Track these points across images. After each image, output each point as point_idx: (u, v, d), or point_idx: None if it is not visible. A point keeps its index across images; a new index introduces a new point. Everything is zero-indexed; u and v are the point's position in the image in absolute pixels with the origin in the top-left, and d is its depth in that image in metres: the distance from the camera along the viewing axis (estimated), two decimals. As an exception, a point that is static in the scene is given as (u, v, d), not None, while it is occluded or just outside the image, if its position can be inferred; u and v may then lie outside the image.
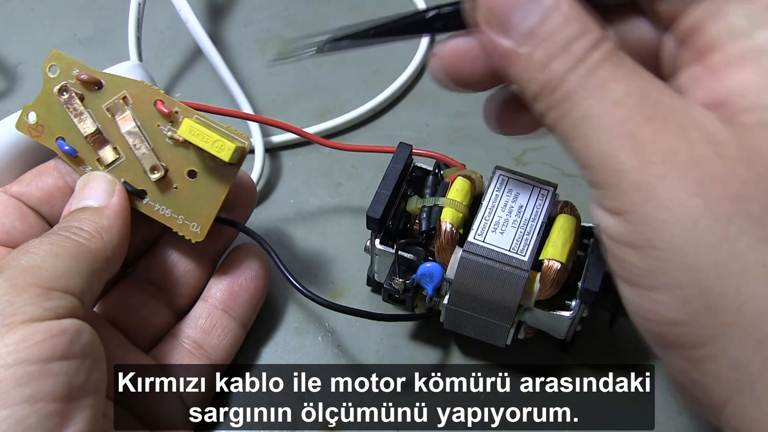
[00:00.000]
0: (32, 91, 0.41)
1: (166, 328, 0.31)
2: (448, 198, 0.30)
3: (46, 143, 0.30)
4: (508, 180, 0.30)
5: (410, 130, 0.41)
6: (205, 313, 0.31)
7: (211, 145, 0.28)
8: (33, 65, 0.42)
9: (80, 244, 0.26)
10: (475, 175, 0.31)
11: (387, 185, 0.31)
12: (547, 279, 0.29)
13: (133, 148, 0.29)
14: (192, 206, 0.29)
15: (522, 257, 0.29)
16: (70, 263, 0.25)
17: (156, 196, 0.30)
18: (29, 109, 0.30)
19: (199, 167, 0.29)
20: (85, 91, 0.30)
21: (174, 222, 0.30)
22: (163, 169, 0.29)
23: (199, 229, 0.29)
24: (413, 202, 0.31)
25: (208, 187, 0.29)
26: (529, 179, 0.31)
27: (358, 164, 0.38)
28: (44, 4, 0.44)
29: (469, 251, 0.29)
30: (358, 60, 0.43)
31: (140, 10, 0.38)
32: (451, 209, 0.30)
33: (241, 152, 0.29)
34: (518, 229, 0.29)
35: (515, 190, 0.30)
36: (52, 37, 0.43)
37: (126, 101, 0.29)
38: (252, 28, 0.43)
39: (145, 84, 0.29)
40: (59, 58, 0.30)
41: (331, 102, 0.42)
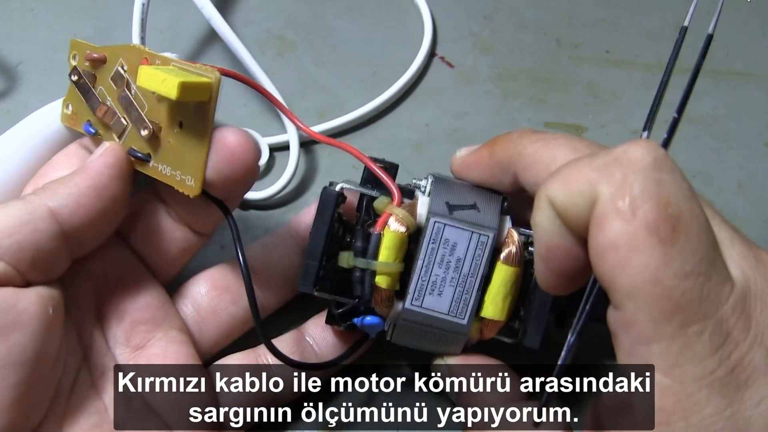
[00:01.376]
0: (32, 91, 0.41)
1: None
2: (380, 262, 0.28)
3: (80, 129, 0.30)
4: (444, 228, 0.28)
5: (410, 130, 0.41)
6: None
7: (159, 85, 0.26)
8: (33, 65, 0.42)
9: (23, 202, 0.26)
10: (406, 216, 0.28)
11: (314, 254, 0.28)
12: (487, 333, 0.29)
13: (127, 114, 0.29)
14: (183, 159, 0.28)
15: (461, 321, 0.28)
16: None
17: (156, 156, 0.29)
18: (66, 101, 0.31)
19: (183, 117, 0.28)
20: (96, 70, 0.30)
21: (174, 180, 0.28)
22: (153, 126, 0.28)
23: (193, 182, 0.28)
24: (344, 259, 0.29)
25: (193, 136, 0.27)
26: (466, 222, 0.28)
27: (358, 164, 0.38)
28: (44, 4, 0.44)
29: (407, 319, 0.28)
30: (358, 60, 0.43)
31: (144, 10, 0.38)
32: (385, 275, 0.28)
33: (194, 87, 0.26)
34: (456, 288, 0.28)
35: (452, 240, 0.28)
36: (52, 37, 0.43)
37: (123, 69, 0.29)
38: (252, 28, 0.43)
39: (134, 46, 0.29)
40: (78, 46, 0.30)
41: (331, 102, 0.42)
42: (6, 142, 0.31)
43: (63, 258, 0.27)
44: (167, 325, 0.30)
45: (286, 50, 0.44)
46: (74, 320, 0.28)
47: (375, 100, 0.41)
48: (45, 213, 0.26)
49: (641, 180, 0.20)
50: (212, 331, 0.31)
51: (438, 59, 0.44)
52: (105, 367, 0.29)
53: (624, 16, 0.46)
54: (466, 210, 0.28)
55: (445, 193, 0.29)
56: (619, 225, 0.19)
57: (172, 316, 0.30)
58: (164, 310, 0.30)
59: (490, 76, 0.43)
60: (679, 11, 0.46)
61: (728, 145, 0.41)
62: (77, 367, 0.28)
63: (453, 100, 0.42)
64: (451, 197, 0.29)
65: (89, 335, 0.29)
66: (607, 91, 0.43)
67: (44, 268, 0.26)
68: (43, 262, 0.26)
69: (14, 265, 0.25)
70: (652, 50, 0.45)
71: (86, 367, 0.28)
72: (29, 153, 0.31)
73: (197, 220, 0.30)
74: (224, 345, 0.32)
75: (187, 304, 0.32)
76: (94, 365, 0.28)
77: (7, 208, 0.25)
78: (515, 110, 0.42)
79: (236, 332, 0.32)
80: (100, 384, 0.28)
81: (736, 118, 0.42)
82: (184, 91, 0.25)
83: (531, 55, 0.44)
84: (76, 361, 0.28)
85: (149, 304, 0.30)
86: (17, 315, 0.24)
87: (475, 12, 0.46)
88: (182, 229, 0.31)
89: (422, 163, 0.40)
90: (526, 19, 0.46)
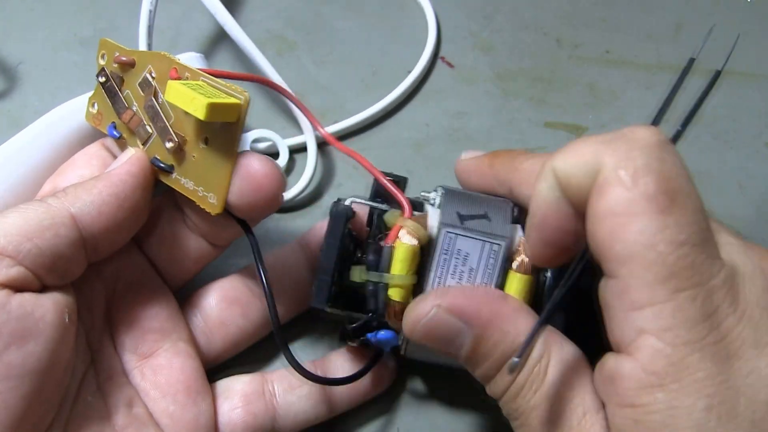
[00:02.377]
0: (32, 91, 0.41)
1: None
2: (393, 275, 0.27)
3: (104, 130, 0.30)
4: (456, 239, 0.28)
5: (410, 130, 0.41)
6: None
7: (188, 104, 0.25)
8: (33, 65, 0.42)
9: (44, 205, 0.25)
10: (417, 228, 0.28)
11: (326, 269, 0.28)
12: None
13: (152, 123, 0.28)
14: (207, 176, 0.28)
15: None
16: (18, 222, 0.24)
17: (179, 168, 0.28)
18: (92, 100, 0.30)
19: (209, 133, 0.27)
20: (124, 73, 0.29)
21: (196, 194, 0.28)
22: (178, 138, 0.28)
23: (215, 200, 0.27)
24: (356, 274, 0.28)
25: (218, 155, 0.27)
26: (478, 232, 0.28)
27: (358, 164, 0.38)
28: (44, 4, 0.44)
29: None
30: (358, 60, 0.43)
31: (151, 17, 0.38)
32: (398, 287, 0.27)
33: (223, 108, 0.26)
34: None
35: (464, 251, 0.28)
36: (52, 37, 0.43)
37: (152, 76, 0.28)
38: (252, 28, 0.43)
39: (163, 54, 0.28)
40: (107, 45, 0.30)
41: (331, 102, 0.42)
42: (25, 137, 0.31)
43: (80, 263, 0.26)
44: (176, 336, 0.30)
45: (286, 50, 0.44)
46: (84, 323, 0.28)
47: (380, 102, 0.41)
48: (66, 218, 0.25)
49: (645, 155, 0.21)
50: (219, 342, 0.31)
51: (438, 59, 0.44)
52: (111, 371, 0.28)
53: (624, 16, 0.46)
54: (477, 220, 0.28)
55: (456, 204, 0.28)
56: (620, 192, 0.20)
57: (181, 327, 0.30)
58: (174, 320, 0.30)
59: (490, 76, 0.43)
60: (679, 11, 0.46)
61: (728, 145, 0.41)
62: (84, 371, 0.27)
63: (453, 100, 0.42)
64: (461, 208, 0.28)
65: (98, 339, 0.29)
66: (607, 91, 0.43)
67: (61, 273, 0.26)
68: (61, 267, 0.25)
69: (33, 269, 0.24)
70: (652, 50, 0.45)
71: (92, 371, 0.28)
72: (49, 149, 0.31)
73: (215, 233, 0.30)
74: (231, 356, 0.32)
75: (197, 314, 0.31)
76: (100, 369, 0.28)
77: (28, 211, 0.25)
78: (515, 110, 0.42)
79: (244, 344, 0.32)
80: (106, 388, 0.28)
81: (736, 118, 0.42)
82: (212, 113, 0.25)
83: (531, 55, 0.44)
84: (83, 365, 0.27)
85: (159, 313, 0.30)
86: (34, 322, 0.24)
87: (475, 12, 0.46)
88: (198, 240, 0.30)
89: (422, 162, 0.40)
90: (526, 19, 0.46)
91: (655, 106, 0.25)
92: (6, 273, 0.24)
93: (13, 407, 0.23)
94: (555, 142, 0.41)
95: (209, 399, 0.29)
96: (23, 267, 0.24)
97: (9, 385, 0.23)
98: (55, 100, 0.32)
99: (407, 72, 0.43)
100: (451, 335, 0.25)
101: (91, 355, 0.28)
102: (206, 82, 0.27)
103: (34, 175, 0.31)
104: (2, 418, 0.23)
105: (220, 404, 0.30)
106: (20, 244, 0.24)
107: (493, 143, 0.41)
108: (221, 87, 0.27)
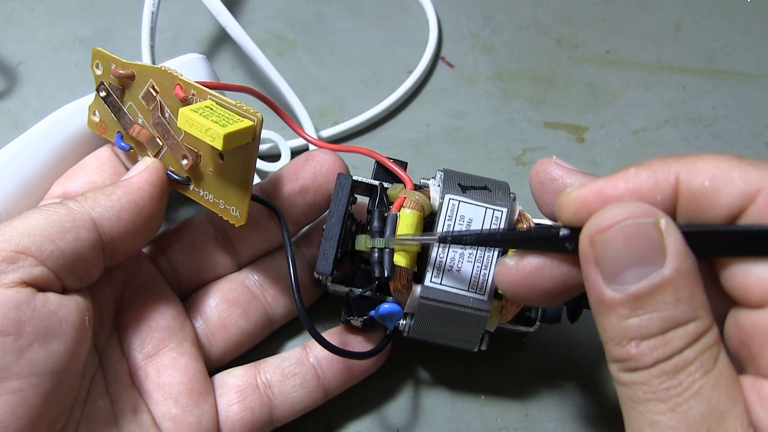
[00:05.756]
0: (32, 91, 0.41)
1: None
2: (398, 236, 0.28)
3: (110, 139, 0.30)
4: (459, 205, 0.28)
5: (410, 130, 0.41)
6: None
7: (204, 135, 0.25)
8: (33, 65, 0.42)
9: (65, 208, 0.26)
10: (422, 197, 0.28)
11: (332, 235, 0.28)
12: (508, 313, 0.29)
13: (162, 139, 0.28)
14: (227, 190, 0.28)
15: (481, 296, 0.28)
16: (41, 223, 0.24)
17: (197, 182, 0.28)
18: (92, 108, 0.30)
19: (224, 151, 0.27)
20: (124, 85, 0.29)
21: (217, 207, 0.28)
22: (194, 155, 0.28)
23: (238, 213, 0.28)
24: (362, 242, 0.28)
25: (236, 169, 0.27)
26: (479, 199, 0.28)
27: (358, 164, 0.38)
28: (44, 4, 0.44)
29: (427, 297, 0.28)
30: (358, 60, 0.43)
31: (153, 19, 0.38)
32: (404, 252, 0.28)
33: (238, 134, 0.25)
34: (474, 263, 0.28)
35: (467, 217, 0.28)
36: (52, 37, 0.43)
37: (155, 90, 0.28)
38: (252, 28, 0.43)
39: (164, 70, 0.28)
40: (100, 56, 0.29)
41: (331, 102, 0.42)
42: (24, 141, 0.31)
43: (99, 267, 0.27)
44: (182, 336, 0.30)
45: (286, 50, 0.44)
46: (93, 326, 0.28)
47: (381, 103, 0.41)
48: (88, 222, 0.26)
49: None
50: (221, 344, 0.31)
51: (439, 59, 0.44)
52: (119, 374, 0.28)
53: (624, 16, 0.46)
54: (478, 190, 0.28)
55: (457, 178, 0.29)
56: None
57: (187, 328, 0.30)
58: (179, 320, 0.30)
59: (490, 76, 0.43)
60: (679, 11, 0.46)
61: (728, 145, 0.41)
62: (93, 374, 0.28)
63: (453, 100, 0.42)
64: (462, 180, 0.29)
65: (106, 341, 0.29)
66: (607, 91, 0.43)
67: (81, 275, 0.26)
68: (81, 269, 0.26)
69: (55, 270, 0.24)
70: (652, 50, 0.45)
71: (101, 373, 0.28)
72: (48, 153, 0.31)
73: (242, 250, 0.32)
74: (233, 357, 0.32)
75: (197, 316, 0.31)
76: (108, 371, 0.28)
77: (50, 213, 0.25)
78: (515, 110, 0.42)
79: (246, 346, 0.32)
80: (113, 391, 0.28)
81: (736, 118, 0.42)
82: (229, 141, 0.25)
83: (531, 55, 0.44)
84: (92, 367, 0.28)
85: (166, 312, 0.30)
86: (58, 322, 0.24)
87: (475, 12, 0.46)
88: (224, 257, 0.32)
89: (423, 162, 0.40)
90: (526, 19, 0.46)
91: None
92: (30, 272, 0.24)
93: (33, 405, 0.23)
94: (555, 142, 0.41)
95: (212, 400, 0.29)
96: (45, 267, 0.24)
97: (30, 383, 0.23)
98: (55, 100, 0.32)
99: (407, 72, 0.43)
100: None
101: (98, 357, 0.28)
102: (214, 100, 0.27)
103: (33, 180, 0.31)
104: (21, 416, 0.23)
105: (217, 401, 0.30)
106: (43, 244, 0.24)
107: (493, 143, 0.41)
108: (230, 106, 0.26)
